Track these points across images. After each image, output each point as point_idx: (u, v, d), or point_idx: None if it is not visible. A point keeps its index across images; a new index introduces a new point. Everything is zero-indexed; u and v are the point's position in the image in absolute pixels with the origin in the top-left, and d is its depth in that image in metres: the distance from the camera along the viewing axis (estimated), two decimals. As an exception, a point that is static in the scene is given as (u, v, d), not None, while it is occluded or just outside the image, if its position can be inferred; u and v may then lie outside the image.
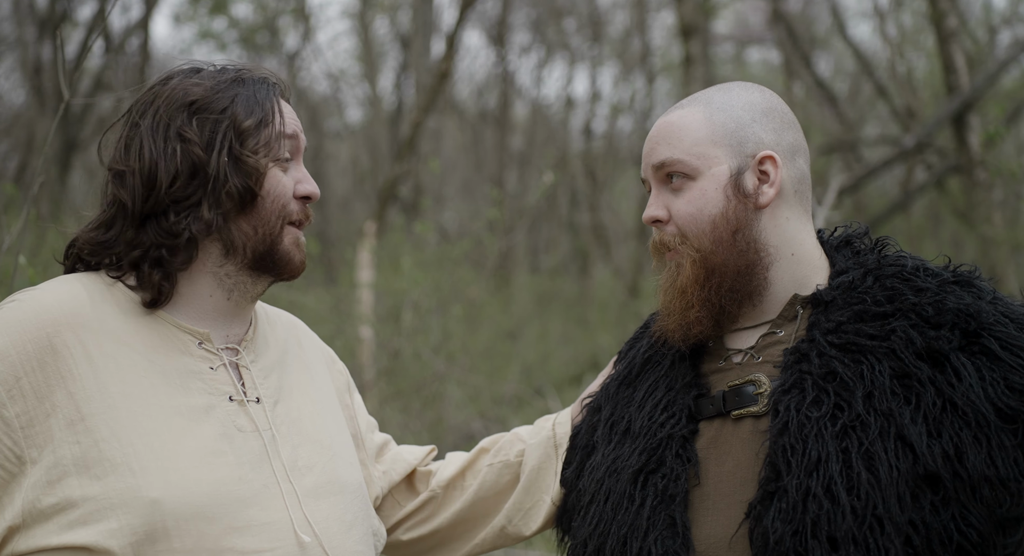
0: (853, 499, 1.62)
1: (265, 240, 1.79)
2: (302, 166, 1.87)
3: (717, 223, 1.82)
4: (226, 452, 1.71)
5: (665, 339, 1.89)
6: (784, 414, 1.71)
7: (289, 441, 1.80)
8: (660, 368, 1.93)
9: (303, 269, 1.85)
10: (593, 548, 1.82)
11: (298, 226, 1.84)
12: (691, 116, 1.87)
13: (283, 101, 1.87)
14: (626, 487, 1.81)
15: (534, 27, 19.92)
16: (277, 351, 1.92)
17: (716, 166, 1.83)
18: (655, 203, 1.88)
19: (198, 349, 1.78)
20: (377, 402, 7.45)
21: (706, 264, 1.81)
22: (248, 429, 1.76)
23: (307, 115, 20.30)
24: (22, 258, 2.95)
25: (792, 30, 13.73)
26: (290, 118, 1.84)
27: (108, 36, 14.36)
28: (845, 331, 1.75)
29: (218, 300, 1.81)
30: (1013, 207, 12.55)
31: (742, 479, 1.73)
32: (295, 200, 1.83)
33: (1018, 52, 10.55)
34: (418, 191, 15.06)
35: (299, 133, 1.84)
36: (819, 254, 1.88)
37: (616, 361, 2.09)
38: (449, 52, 10.64)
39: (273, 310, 2.03)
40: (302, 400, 1.89)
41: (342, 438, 1.94)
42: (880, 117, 16.99)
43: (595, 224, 18.12)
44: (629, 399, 1.93)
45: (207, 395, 1.75)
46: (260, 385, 1.82)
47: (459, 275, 9.10)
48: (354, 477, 1.90)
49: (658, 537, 1.73)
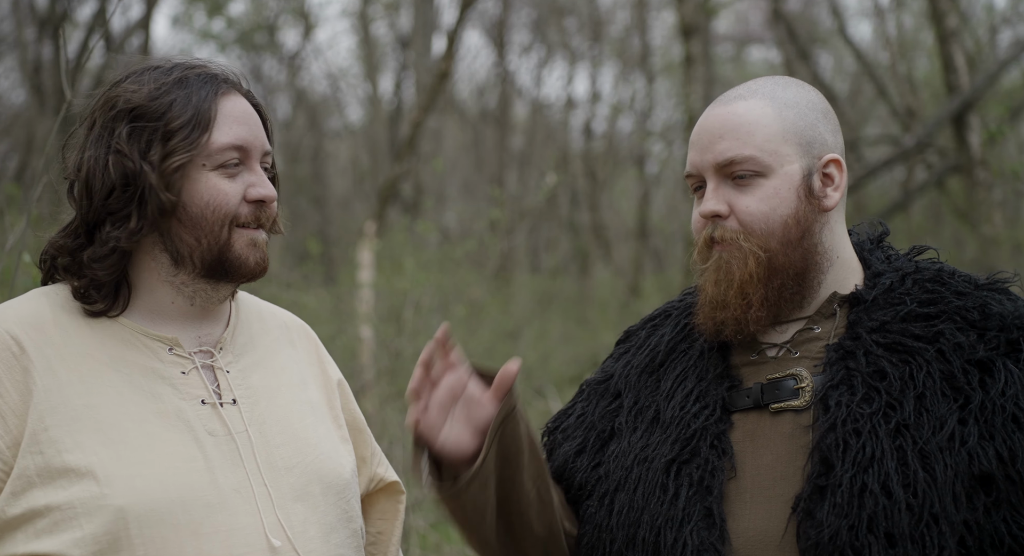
0: (909, 496, 1.61)
1: (212, 249, 1.75)
2: (256, 168, 1.79)
3: (788, 224, 1.77)
4: (196, 457, 1.69)
5: (711, 330, 1.83)
6: (835, 410, 1.69)
7: (269, 442, 1.77)
8: (688, 358, 1.89)
9: (262, 269, 1.80)
10: (624, 537, 1.78)
11: (255, 227, 1.78)
12: (760, 110, 1.80)
13: (235, 99, 1.79)
14: (658, 477, 1.78)
15: (534, 27, 19.93)
16: (264, 350, 1.88)
17: (788, 165, 1.79)
18: (715, 197, 1.80)
19: (169, 355, 1.76)
20: (378, 402, 7.45)
21: (771, 264, 1.77)
22: (221, 433, 1.73)
23: (307, 115, 20.30)
24: (26, 256, 2.94)
25: (792, 30, 13.74)
26: (236, 120, 1.77)
27: (108, 36, 14.36)
28: (890, 331, 1.74)
29: (181, 306, 1.79)
30: (1013, 207, 12.56)
31: (782, 474, 1.72)
32: (247, 204, 1.76)
33: (1018, 52, 10.56)
34: (419, 191, 15.07)
35: (246, 136, 1.77)
36: (854, 255, 1.87)
37: (622, 345, 2.05)
38: (449, 52, 10.64)
39: (269, 308, 1.99)
40: (290, 398, 1.85)
41: (331, 437, 1.89)
42: (880, 117, 16.99)
43: (595, 224, 18.13)
44: (655, 388, 1.90)
45: (178, 400, 1.73)
46: (238, 386, 1.79)
47: (460, 275, 9.10)
48: (341, 476, 1.84)
49: (694, 528, 1.71)
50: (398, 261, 8.83)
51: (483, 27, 19.08)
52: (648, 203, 18.45)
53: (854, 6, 18.59)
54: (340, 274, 11.74)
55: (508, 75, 19.49)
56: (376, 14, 19.10)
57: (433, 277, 8.45)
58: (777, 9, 13.39)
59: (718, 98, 1.89)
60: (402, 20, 18.92)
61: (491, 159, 19.36)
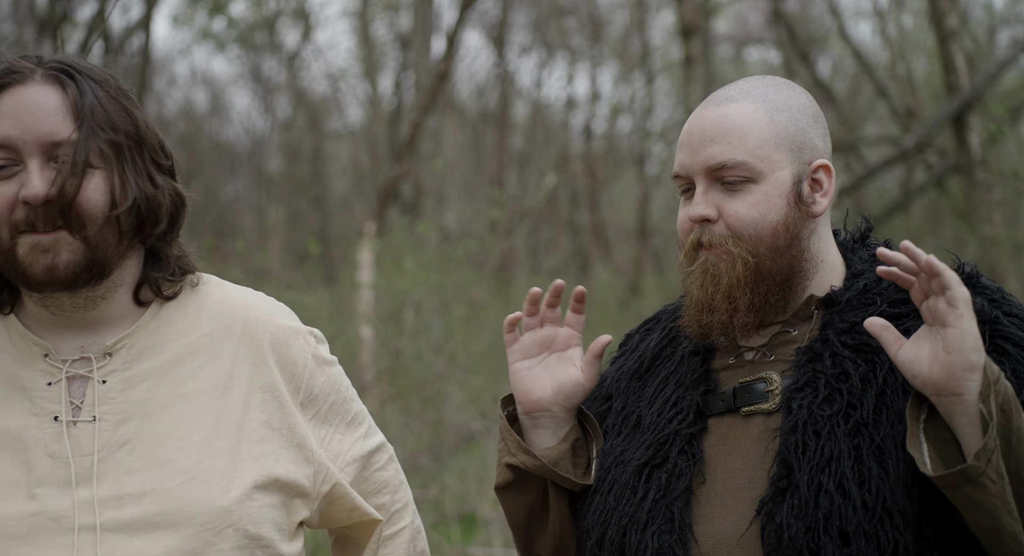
0: (864, 493, 1.62)
1: (8, 261, 1.61)
2: (33, 166, 1.60)
3: (777, 230, 1.77)
4: (19, 483, 1.59)
5: (696, 333, 1.83)
6: (797, 412, 1.71)
7: (120, 466, 1.62)
8: (671, 363, 1.91)
9: (55, 275, 1.60)
10: (596, 538, 1.81)
11: (43, 230, 1.60)
12: (752, 114, 1.78)
13: (18, 91, 1.62)
14: (630, 479, 1.80)
15: (534, 27, 19.92)
16: (176, 353, 1.72)
17: (779, 171, 1.78)
18: (704, 201, 1.78)
19: (42, 362, 1.66)
20: (378, 402, 7.46)
21: (759, 269, 1.77)
22: (60, 455, 1.61)
23: (307, 115, 20.30)
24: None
25: (792, 30, 13.74)
26: (4, 116, 1.61)
27: (108, 36, 14.36)
28: (859, 332, 1.75)
29: (45, 314, 1.68)
30: (1013, 207, 12.56)
31: (751, 476, 1.73)
32: (23, 206, 1.59)
33: (1018, 52, 10.56)
34: (419, 191, 15.06)
35: (10, 132, 1.59)
36: (839, 256, 1.87)
37: (621, 348, 2.07)
38: (449, 52, 10.64)
39: (237, 302, 1.81)
40: (183, 411, 1.69)
41: (226, 455, 1.68)
42: (880, 117, 16.99)
43: (595, 224, 18.12)
44: (640, 393, 1.92)
45: (29, 416, 1.63)
46: (108, 400, 1.66)
47: (460, 275, 9.10)
48: (215, 502, 1.64)
49: (656, 531, 1.73)
50: (398, 261, 8.83)
51: (483, 27, 19.08)
52: (648, 203, 18.44)
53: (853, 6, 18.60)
54: (340, 274, 11.73)
55: (508, 75, 19.49)
56: (376, 14, 19.10)
57: (433, 277, 8.46)
58: (777, 9, 13.39)
59: (708, 98, 1.87)
60: (402, 20, 18.92)
61: (491, 159, 19.35)
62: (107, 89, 1.66)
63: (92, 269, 1.63)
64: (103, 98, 1.65)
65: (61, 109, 1.62)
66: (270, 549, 1.69)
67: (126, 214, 1.64)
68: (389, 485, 1.91)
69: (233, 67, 19.98)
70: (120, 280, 1.71)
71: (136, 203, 1.65)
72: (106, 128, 1.63)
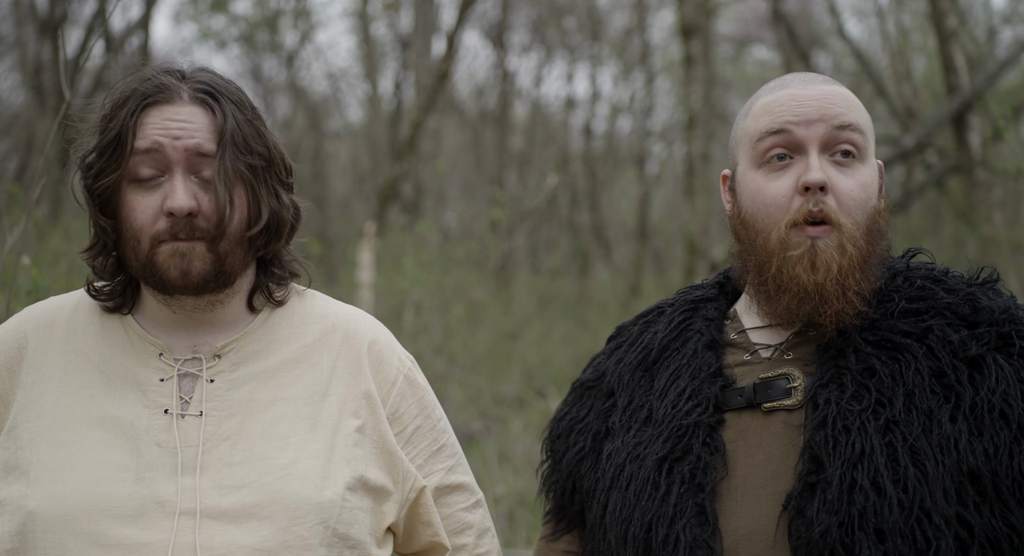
0: (899, 492, 1.60)
1: (145, 266, 1.72)
2: (176, 178, 1.70)
3: (874, 218, 1.74)
4: (129, 467, 1.68)
5: (794, 319, 1.77)
6: (824, 407, 1.69)
7: (222, 459, 1.71)
8: (681, 356, 1.88)
9: (187, 280, 1.71)
10: (617, 535, 1.78)
11: (184, 239, 1.70)
12: (853, 96, 1.75)
13: (163, 109, 1.72)
14: (650, 473, 1.77)
15: (534, 27, 19.93)
16: (280, 359, 1.83)
17: (872, 157, 1.76)
18: (820, 168, 1.71)
19: (156, 360, 1.78)
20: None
21: (861, 257, 1.73)
22: (167, 445, 1.71)
23: (307, 115, 20.30)
24: (25, 258, 2.94)
25: (792, 30, 13.74)
26: (152, 128, 1.71)
27: (108, 36, 14.36)
28: (880, 328, 1.74)
29: (166, 314, 1.80)
30: (1013, 207, 12.55)
31: (774, 473, 1.71)
32: (166, 217, 1.69)
33: (1018, 52, 10.56)
34: (419, 191, 15.06)
35: (163, 143, 1.69)
36: None
37: (614, 340, 2.04)
38: (449, 52, 10.64)
39: (339, 314, 1.91)
40: (283, 413, 1.77)
41: (320, 457, 1.76)
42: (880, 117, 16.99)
43: (595, 224, 18.12)
44: (648, 386, 1.89)
45: (141, 408, 1.73)
46: (215, 398, 1.76)
47: (460, 275, 9.10)
48: (309, 498, 1.71)
49: (686, 525, 1.70)
50: (398, 261, 8.84)
51: (483, 27, 19.09)
52: (648, 203, 18.45)
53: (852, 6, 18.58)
54: (340, 274, 11.74)
55: (508, 75, 19.49)
56: (376, 14, 19.10)
57: (433, 277, 8.46)
58: (777, 9, 13.39)
59: (795, 78, 1.82)
60: (402, 20, 18.94)
61: (491, 159, 19.35)
62: (244, 111, 1.76)
63: (219, 279, 1.74)
64: (241, 121, 1.75)
65: (209, 128, 1.72)
66: (358, 550, 1.76)
67: (258, 232, 1.76)
68: (474, 528, 1.93)
69: (233, 67, 19.99)
70: (239, 287, 1.82)
71: (268, 223, 1.77)
72: (244, 151, 1.73)
